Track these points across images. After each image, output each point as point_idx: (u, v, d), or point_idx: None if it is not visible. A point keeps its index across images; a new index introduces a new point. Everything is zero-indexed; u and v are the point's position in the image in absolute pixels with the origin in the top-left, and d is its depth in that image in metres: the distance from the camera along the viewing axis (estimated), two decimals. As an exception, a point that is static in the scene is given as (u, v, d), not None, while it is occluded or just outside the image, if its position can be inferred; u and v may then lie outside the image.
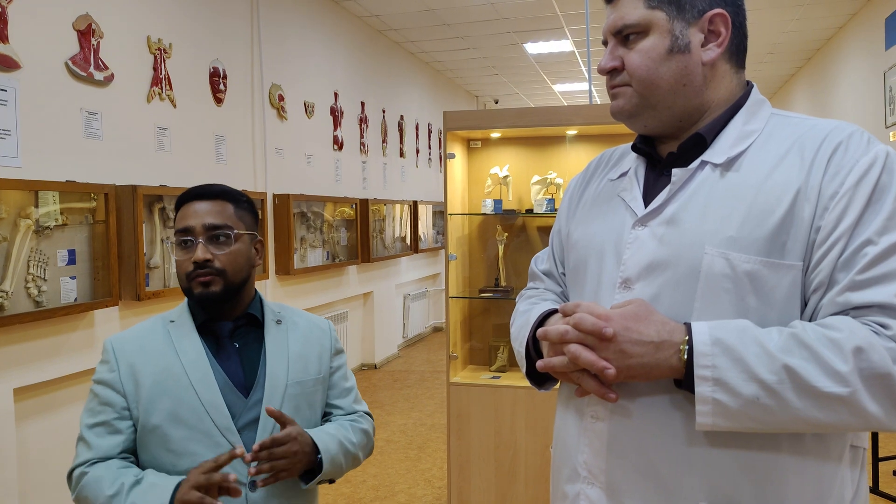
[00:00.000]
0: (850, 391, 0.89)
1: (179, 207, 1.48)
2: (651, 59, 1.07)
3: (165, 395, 1.39)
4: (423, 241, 8.00)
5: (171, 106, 4.00)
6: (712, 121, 1.10)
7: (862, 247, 0.94)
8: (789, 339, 0.92)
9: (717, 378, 0.93)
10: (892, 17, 5.66)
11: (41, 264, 3.05)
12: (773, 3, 6.31)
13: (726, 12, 1.07)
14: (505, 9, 6.36)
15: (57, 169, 3.19)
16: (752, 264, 0.98)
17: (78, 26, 3.33)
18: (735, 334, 0.94)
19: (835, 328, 0.92)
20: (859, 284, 0.93)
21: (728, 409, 0.93)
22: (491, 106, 11.36)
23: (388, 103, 7.40)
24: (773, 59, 8.69)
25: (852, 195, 0.95)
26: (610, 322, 0.97)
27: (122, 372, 1.42)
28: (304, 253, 5.43)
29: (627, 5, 1.08)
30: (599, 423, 1.08)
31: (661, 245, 1.05)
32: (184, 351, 1.43)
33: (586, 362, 0.99)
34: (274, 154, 5.08)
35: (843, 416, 0.90)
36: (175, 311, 1.52)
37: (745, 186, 1.02)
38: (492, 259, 3.45)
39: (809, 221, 0.97)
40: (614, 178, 1.21)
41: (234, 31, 4.66)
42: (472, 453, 3.12)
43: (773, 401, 0.91)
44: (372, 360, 6.92)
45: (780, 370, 0.91)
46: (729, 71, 1.10)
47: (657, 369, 0.98)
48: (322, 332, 1.61)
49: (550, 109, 3.06)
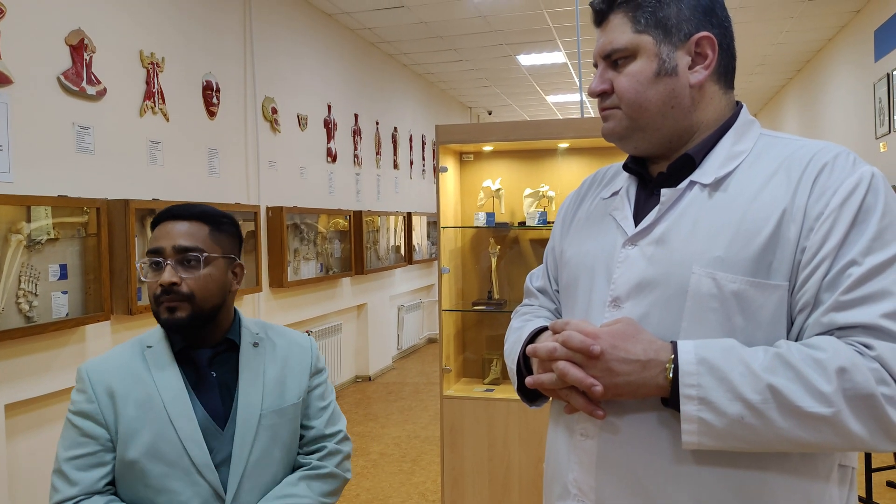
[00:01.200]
0: (834, 411, 0.89)
1: (155, 226, 1.42)
2: (639, 83, 1.08)
3: (145, 428, 1.33)
4: (417, 253, 8.00)
5: (163, 120, 4.00)
6: (701, 141, 1.11)
7: (846, 267, 0.94)
8: (774, 358, 0.93)
9: (702, 397, 0.93)
10: (881, 30, 5.71)
11: (32, 279, 3.04)
12: (762, 16, 6.36)
13: (713, 35, 1.09)
14: (497, 21, 6.39)
15: (49, 183, 3.19)
16: (739, 284, 0.99)
17: (70, 41, 3.33)
18: (720, 353, 0.95)
19: (819, 348, 0.92)
20: (844, 305, 0.94)
21: (713, 428, 0.93)
22: (484, 117, 11.40)
23: (382, 115, 7.42)
24: (764, 71, 8.75)
25: (837, 216, 0.96)
26: (598, 340, 0.98)
27: (101, 402, 1.35)
28: (298, 265, 5.43)
29: (616, 30, 1.10)
30: (588, 441, 1.08)
31: (651, 264, 1.06)
32: (163, 383, 1.37)
33: (574, 379, 1.00)
34: (267, 167, 5.09)
35: (827, 436, 0.91)
36: (153, 335, 1.45)
37: (732, 207, 1.03)
38: (485, 272, 3.45)
39: (795, 242, 0.98)
40: (606, 196, 1.22)
41: (227, 45, 4.67)
42: (465, 466, 3.11)
43: (757, 420, 0.92)
44: (366, 373, 6.90)
45: (765, 390, 0.91)
46: (717, 92, 1.12)
47: (644, 387, 0.98)
48: (302, 351, 1.55)
49: (542, 123, 3.08)
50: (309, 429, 1.51)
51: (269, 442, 1.41)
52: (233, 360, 1.45)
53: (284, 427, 1.45)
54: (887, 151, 5.61)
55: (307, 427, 1.52)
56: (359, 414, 5.64)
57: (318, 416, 1.53)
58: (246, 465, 1.37)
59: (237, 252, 1.50)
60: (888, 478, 3.89)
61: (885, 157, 5.63)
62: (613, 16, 1.11)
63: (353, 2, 5.78)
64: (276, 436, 1.43)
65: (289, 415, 1.46)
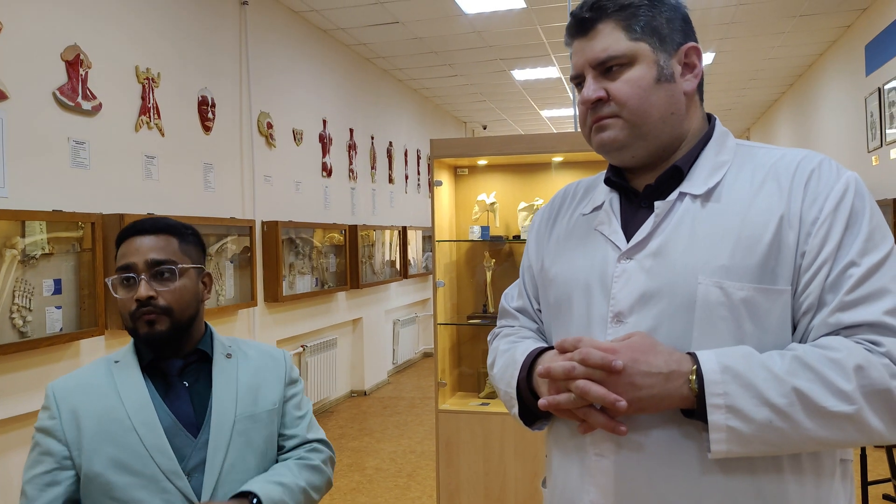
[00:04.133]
0: (856, 408, 0.93)
1: (120, 243, 1.41)
2: (641, 88, 1.08)
3: (107, 440, 1.32)
4: (412, 267, 8.00)
5: (159, 135, 4.01)
6: (687, 152, 1.13)
7: (846, 268, 0.98)
8: (793, 361, 0.95)
9: (730, 405, 0.94)
10: (871, 44, 5.77)
11: (26, 294, 3.03)
12: (755, 31, 6.42)
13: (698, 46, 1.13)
14: (491, 37, 6.44)
15: (44, 198, 3.19)
16: (747, 291, 1.01)
17: (66, 56, 3.35)
18: (742, 360, 0.96)
19: (833, 348, 0.95)
20: (848, 305, 0.97)
21: (742, 434, 0.95)
22: (479, 132, 11.44)
23: (377, 130, 7.44)
24: (756, 85, 8.82)
25: (832, 220, 1.00)
26: (618, 355, 0.97)
27: (63, 418, 1.34)
28: (293, 280, 5.42)
29: (608, 38, 1.09)
30: (605, 461, 1.06)
31: (651, 277, 1.06)
32: (127, 393, 1.36)
33: (597, 396, 0.98)
34: (262, 181, 5.10)
35: (849, 432, 0.94)
36: (121, 350, 1.44)
37: (728, 216, 1.05)
38: (480, 285, 3.46)
39: (794, 247, 1.01)
40: (587, 212, 1.21)
41: (223, 60, 4.69)
42: (461, 481, 3.10)
43: (785, 423, 0.94)
44: (361, 387, 6.88)
45: (790, 393, 0.94)
46: (697, 103, 1.16)
47: (668, 400, 0.98)
48: (276, 362, 1.54)
49: (536, 137, 3.09)
50: (290, 437, 1.51)
51: (243, 447, 1.40)
52: (205, 370, 1.45)
53: (258, 433, 1.43)
54: (879, 165, 5.65)
55: (288, 436, 1.51)
56: (354, 429, 5.62)
57: (297, 424, 1.53)
58: (220, 470, 1.36)
59: (203, 262, 1.51)
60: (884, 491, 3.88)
61: (878, 171, 5.67)
62: (603, 24, 1.10)
63: (348, 17, 5.82)
64: (250, 441, 1.42)
65: (263, 421, 1.45)
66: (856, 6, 5.82)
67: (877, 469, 4.18)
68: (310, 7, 5.54)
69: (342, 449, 5.06)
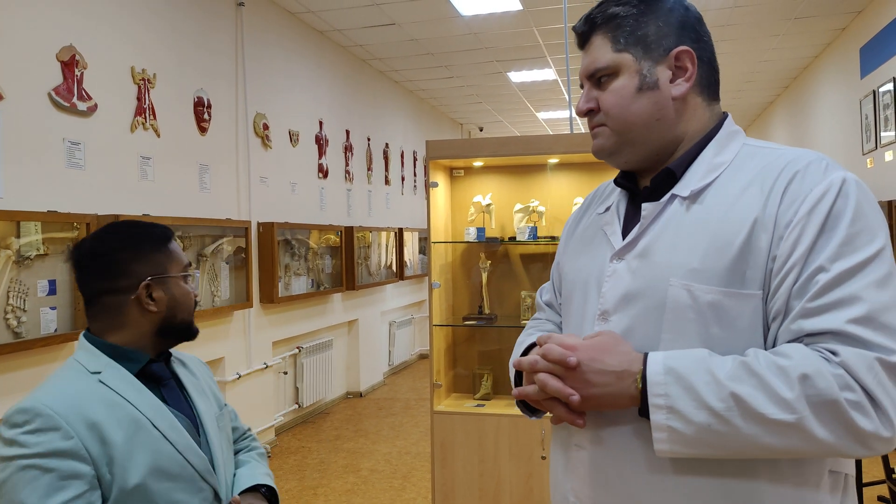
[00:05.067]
0: (797, 417, 0.91)
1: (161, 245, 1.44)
2: (622, 98, 1.12)
3: (141, 449, 1.28)
4: (408, 268, 8.00)
5: (154, 135, 4.01)
6: (683, 154, 1.14)
7: (814, 274, 0.96)
8: (739, 367, 0.95)
9: (670, 406, 0.96)
10: (866, 47, 5.79)
11: (21, 295, 3.02)
12: (750, 33, 6.44)
13: (691, 49, 1.13)
14: (488, 39, 6.44)
15: (39, 199, 3.18)
16: (714, 295, 1.01)
17: (62, 57, 3.34)
18: (688, 363, 0.97)
19: (785, 355, 0.94)
20: (811, 312, 0.95)
21: (683, 435, 0.96)
22: (476, 133, 11.45)
23: (373, 131, 7.44)
24: (752, 88, 8.84)
25: (805, 223, 0.98)
26: (575, 352, 1.02)
27: (82, 437, 1.23)
28: (289, 281, 5.42)
29: (598, 50, 1.15)
30: (583, 452, 1.11)
31: (635, 278, 1.09)
32: (141, 403, 1.34)
33: (553, 390, 1.04)
34: (258, 182, 5.09)
35: (793, 441, 0.93)
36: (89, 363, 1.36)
37: (707, 218, 1.05)
38: (475, 287, 3.46)
39: (766, 251, 1.00)
40: (601, 212, 1.25)
41: (219, 61, 4.69)
42: (456, 482, 3.10)
43: (724, 427, 0.94)
44: (357, 389, 6.87)
45: (728, 398, 0.94)
46: (701, 104, 1.15)
47: (619, 398, 1.02)
48: (203, 364, 1.63)
49: (532, 138, 3.10)
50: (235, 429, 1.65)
51: (225, 442, 1.52)
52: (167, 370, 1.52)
53: (227, 427, 1.56)
54: (874, 167, 5.67)
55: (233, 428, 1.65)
56: (349, 430, 5.62)
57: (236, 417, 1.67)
58: (224, 465, 1.46)
59: None
60: (879, 492, 3.89)
61: (872, 173, 5.69)
62: (595, 37, 1.16)
63: (344, 19, 5.82)
64: (227, 435, 1.55)
65: (225, 417, 1.57)
66: (851, 9, 5.84)
67: (872, 471, 4.19)
68: (306, 8, 5.54)
69: (338, 450, 5.05)
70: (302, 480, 4.43)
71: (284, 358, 5.52)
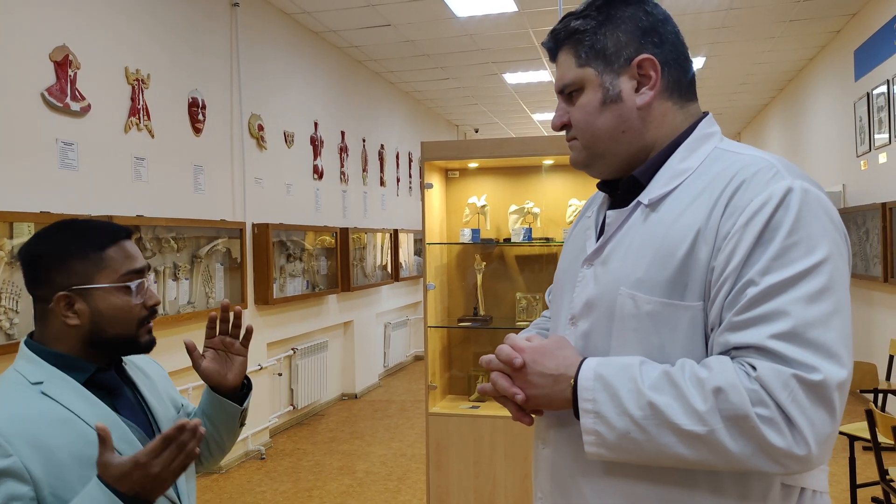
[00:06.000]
0: (708, 430, 0.92)
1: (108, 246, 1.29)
2: (587, 113, 1.13)
3: (89, 466, 1.16)
4: (404, 270, 7.99)
5: (148, 136, 3.99)
6: (648, 161, 1.12)
7: (744, 287, 0.94)
8: (662, 376, 0.96)
9: (597, 411, 0.99)
10: (860, 49, 5.81)
11: (13, 296, 3.01)
12: (745, 36, 6.45)
13: (653, 56, 1.09)
14: (483, 40, 6.44)
15: (32, 200, 3.17)
16: (653, 305, 1.02)
17: (55, 57, 3.33)
18: (617, 371, 0.99)
19: (706, 367, 0.95)
20: (738, 325, 0.95)
21: (607, 440, 0.98)
22: (471, 135, 11.45)
23: (369, 133, 7.43)
24: (747, 90, 8.86)
25: (741, 235, 0.96)
26: (523, 354, 1.06)
27: (23, 455, 1.14)
28: (284, 282, 5.40)
29: (563, 66, 1.16)
30: (546, 449, 1.16)
31: (597, 285, 1.11)
32: (86, 413, 1.23)
33: (501, 388, 1.09)
34: (253, 183, 5.08)
35: (705, 453, 0.93)
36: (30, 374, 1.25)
37: (657, 228, 1.05)
38: (470, 288, 3.45)
39: (706, 262, 0.99)
40: (588, 216, 1.26)
41: (214, 62, 4.68)
42: (451, 484, 3.09)
43: (641, 435, 0.96)
44: (352, 390, 6.86)
45: (646, 406, 0.95)
46: (671, 108, 1.12)
47: (556, 400, 1.05)
48: (154, 363, 1.51)
49: (526, 140, 3.10)
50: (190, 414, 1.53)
51: None
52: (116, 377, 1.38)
53: None
54: (868, 169, 5.68)
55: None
56: (345, 432, 5.60)
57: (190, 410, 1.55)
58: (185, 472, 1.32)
59: None
60: (874, 494, 3.89)
61: (867, 175, 5.71)
62: (561, 52, 1.16)
63: (339, 20, 5.82)
64: None
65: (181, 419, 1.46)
66: (845, 11, 5.86)
67: (865, 472, 4.20)
68: (301, 9, 5.53)
69: (333, 452, 5.04)
70: (297, 483, 4.42)
71: (279, 359, 5.50)
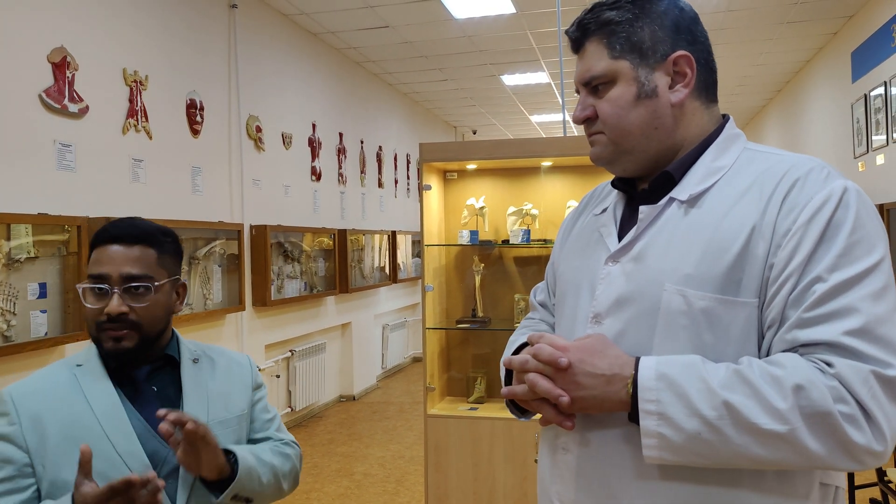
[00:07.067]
0: (789, 429, 0.90)
1: (95, 246, 1.35)
2: (620, 108, 1.09)
3: (76, 447, 1.21)
4: (402, 271, 7.99)
5: (146, 137, 3.99)
6: (682, 158, 1.11)
7: (811, 284, 0.94)
8: (733, 375, 0.93)
9: (661, 412, 0.95)
10: (857, 51, 5.82)
11: (11, 298, 3.00)
12: (742, 37, 6.46)
13: (689, 53, 1.09)
14: (482, 42, 6.44)
15: (29, 201, 3.16)
16: (707, 301, 0.99)
17: (53, 58, 3.32)
18: (681, 369, 0.95)
19: (779, 365, 0.92)
20: (807, 322, 0.93)
21: (672, 443, 0.94)
22: (469, 136, 11.45)
23: (367, 134, 7.43)
24: (745, 91, 8.87)
25: (804, 232, 0.96)
26: (567, 353, 1.00)
27: (24, 425, 1.27)
28: (282, 284, 5.40)
29: (593, 57, 1.11)
30: (568, 455, 1.10)
31: (628, 281, 1.07)
32: (95, 398, 1.30)
33: (543, 390, 1.01)
34: (251, 185, 5.07)
35: (784, 453, 0.91)
36: (82, 353, 1.38)
37: (704, 224, 1.03)
38: (469, 290, 3.45)
39: (764, 259, 0.98)
40: (598, 213, 1.24)
41: (212, 63, 4.67)
42: (450, 486, 3.09)
43: (714, 436, 0.92)
44: (350, 392, 6.85)
45: (720, 406, 0.92)
46: (699, 108, 1.12)
47: (608, 402, 1.00)
48: (242, 368, 1.52)
49: (525, 141, 3.09)
50: (261, 441, 1.49)
51: None
52: (172, 375, 1.41)
53: (228, 439, 1.40)
54: (865, 171, 5.69)
55: (259, 440, 1.49)
56: (343, 434, 5.59)
57: (267, 427, 1.52)
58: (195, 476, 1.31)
59: (179, 270, 1.44)
60: (871, 495, 3.90)
61: (864, 177, 5.71)
62: (589, 43, 1.12)
63: (338, 21, 5.81)
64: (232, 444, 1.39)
65: (233, 426, 1.43)
66: (842, 13, 5.87)
67: (864, 473, 4.20)
68: (299, 10, 5.52)
69: (331, 454, 5.03)
70: (294, 484, 4.41)
71: (277, 361, 5.49)
